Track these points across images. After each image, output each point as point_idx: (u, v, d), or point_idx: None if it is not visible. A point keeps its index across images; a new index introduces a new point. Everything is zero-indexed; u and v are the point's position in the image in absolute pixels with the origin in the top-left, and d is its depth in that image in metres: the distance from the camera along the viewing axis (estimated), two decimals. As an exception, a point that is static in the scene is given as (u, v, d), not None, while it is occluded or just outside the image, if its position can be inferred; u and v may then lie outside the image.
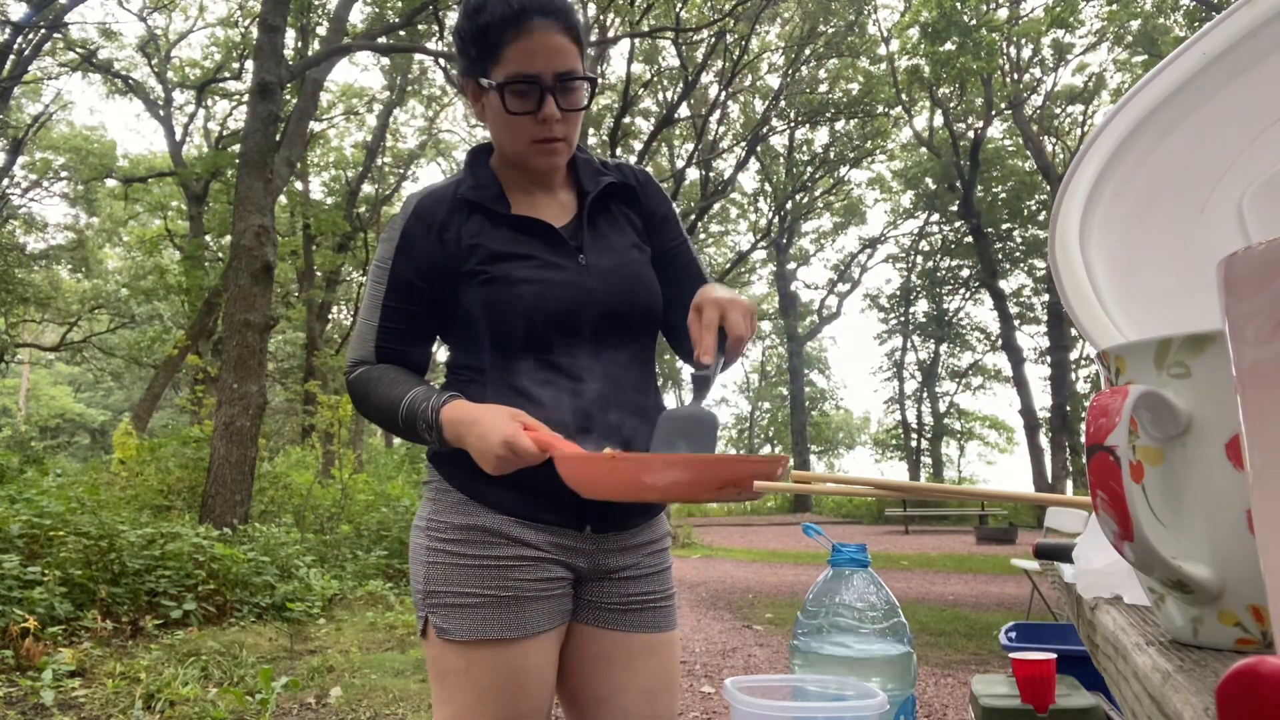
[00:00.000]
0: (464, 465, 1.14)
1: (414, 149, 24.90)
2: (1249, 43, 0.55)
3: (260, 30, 8.83)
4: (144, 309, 24.12)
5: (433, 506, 1.22)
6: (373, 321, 1.23)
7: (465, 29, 1.18)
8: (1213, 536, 0.42)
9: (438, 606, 1.16)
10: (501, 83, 1.16)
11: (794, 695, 0.73)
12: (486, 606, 1.15)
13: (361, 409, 1.24)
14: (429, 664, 1.20)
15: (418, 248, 1.22)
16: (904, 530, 18.68)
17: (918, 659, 1.00)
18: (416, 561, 1.21)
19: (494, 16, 1.14)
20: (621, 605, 1.26)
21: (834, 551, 0.90)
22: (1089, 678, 1.48)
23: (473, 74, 1.19)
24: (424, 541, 1.20)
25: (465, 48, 1.20)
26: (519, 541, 1.18)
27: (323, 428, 11.42)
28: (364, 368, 1.23)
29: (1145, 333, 0.57)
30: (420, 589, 1.19)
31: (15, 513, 5.16)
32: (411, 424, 1.15)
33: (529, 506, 1.19)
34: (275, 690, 3.66)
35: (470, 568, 1.16)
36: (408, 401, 1.16)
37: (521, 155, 1.23)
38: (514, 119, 1.18)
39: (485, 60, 1.17)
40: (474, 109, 1.25)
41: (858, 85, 20.81)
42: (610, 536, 1.25)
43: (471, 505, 1.19)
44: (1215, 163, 0.59)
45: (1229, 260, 0.28)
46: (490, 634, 1.14)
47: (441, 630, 1.16)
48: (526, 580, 1.17)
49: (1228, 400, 0.42)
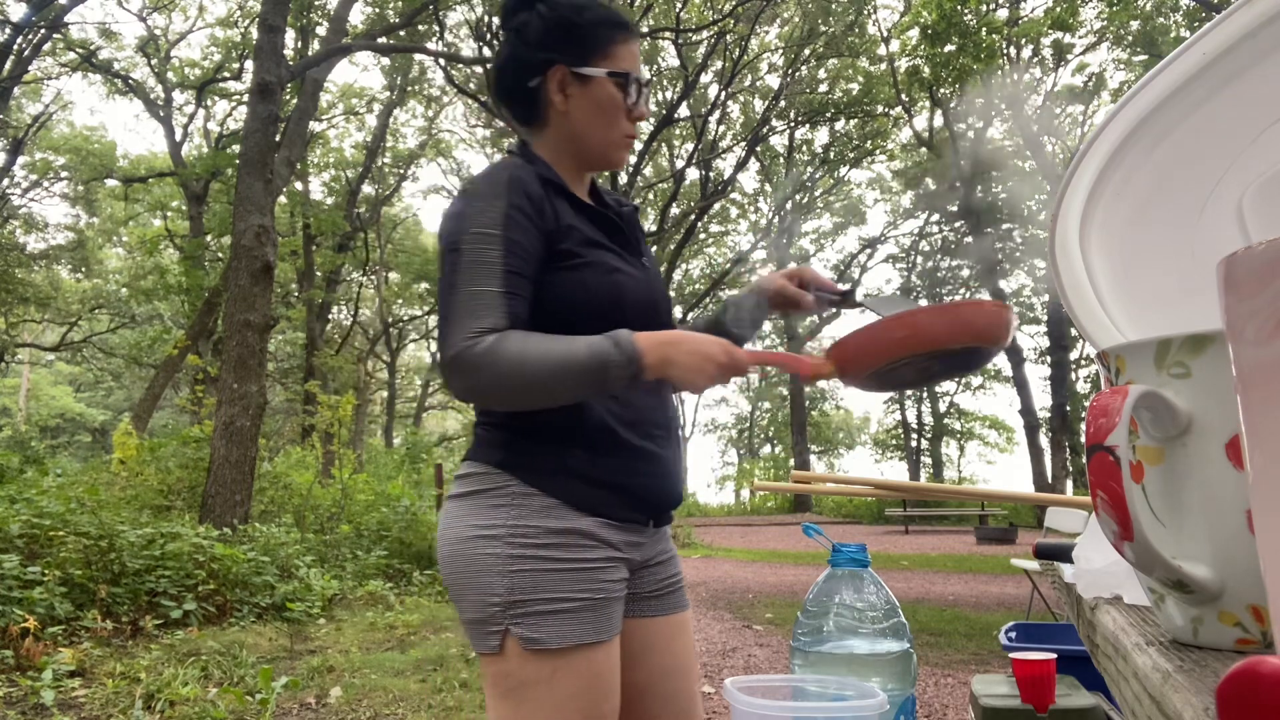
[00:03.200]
0: (557, 470, 1.16)
1: (414, 149, 24.90)
2: (1249, 43, 0.55)
3: (260, 30, 8.83)
4: (144, 309, 24.12)
5: (513, 513, 1.15)
6: (493, 287, 1.12)
7: (570, 21, 1.23)
8: (1213, 536, 0.42)
9: (524, 616, 1.12)
10: (611, 73, 1.23)
11: (794, 695, 0.73)
12: (583, 610, 1.14)
13: (503, 373, 1.08)
14: (497, 680, 1.14)
15: (526, 216, 1.17)
16: (904, 530, 18.68)
17: (918, 659, 1.00)
18: (491, 573, 1.13)
19: (602, 16, 1.24)
20: (656, 591, 1.31)
21: (834, 551, 0.90)
22: (1089, 678, 1.48)
23: (569, 63, 1.23)
24: (504, 550, 1.13)
25: (564, 39, 1.23)
26: (605, 543, 1.18)
27: (323, 428, 11.41)
28: (496, 334, 1.10)
29: (1145, 333, 0.57)
30: (499, 601, 1.12)
31: (15, 513, 5.16)
32: (598, 365, 1.08)
33: (620, 506, 1.20)
34: (275, 690, 3.66)
35: (563, 572, 1.14)
36: (586, 345, 1.09)
37: (606, 147, 1.28)
38: (611, 111, 1.24)
39: (588, 53, 1.23)
40: (554, 98, 1.25)
41: (858, 85, 20.81)
42: (657, 529, 1.30)
43: (561, 509, 1.16)
44: (1215, 163, 0.59)
45: (1229, 260, 0.28)
46: (585, 638, 1.13)
47: (530, 641, 1.11)
48: (610, 581, 1.18)
49: (1228, 400, 0.42)
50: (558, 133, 1.27)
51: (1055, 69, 20.40)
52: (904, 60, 16.68)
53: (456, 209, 1.17)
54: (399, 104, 22.85)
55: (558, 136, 1.28)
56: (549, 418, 1.17)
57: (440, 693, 3.92)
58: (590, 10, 1.24)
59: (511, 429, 1.19)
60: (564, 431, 1.18)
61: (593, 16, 1.24)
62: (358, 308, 27.05)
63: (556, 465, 1.15)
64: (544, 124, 1.28)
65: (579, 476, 1.16)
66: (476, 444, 1.23)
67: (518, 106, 1.30)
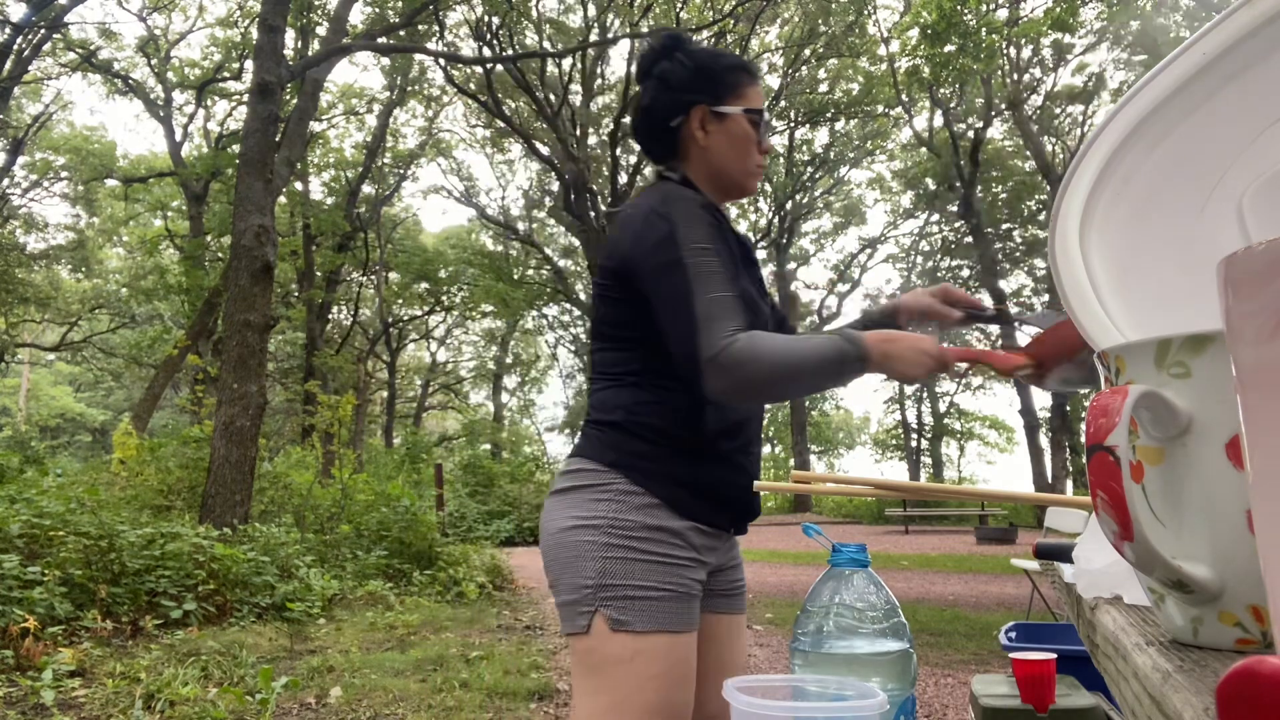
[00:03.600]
0: (664, 475, 1.28)
1: (414, 149, 24.90)
2: (1249, 43, 0.55)
3: (260, 30, 8.83)
4: (144, 309, 24.13)
5: (615, 507, 1.27)
6: (728, 293, 1.24)
7: (709, 66, 1.40)
8: (1213, 536, 0.42)
9: (613, 600, 1.22)
10: (746, 110, 1.39)
11: (794, 695, 0.73)
12: (666, 600, 1.24)
13: (765, 366, 1.19)
14: (583, 657, 1.24)
15: (720, 235, 1.31)
16: (904, 530, 18.68)
17: (918, 659, 1.00)
18: (586, 558, 1.24)
19: (734, 63, 1.42)
20: (725, 591, 1.43)
21: (834, 551, 0.90)
22: (1089, 678, 1.48)
23: (709, 103, 1.38)
24: (601, 539, 1.25)
25: (704, 82, 1.39)
26: (691, 545, 1.29)
27: (323, 428, 11.40)
28: (746, 333, 1.22)
29: (1145, 333, 0.57)
30: (591, 584, 1.23)
31: (15, 513, 5.16)
32: (838, 358, 1.20)
33: (712, 513, 1.32)
34: (275, 690, 3.66)
35: (652, 564, 1.25)
36: (824, 341, 1.22)
37: (743, 176, 1.42)
38: (746, 144, 1.40)
39: (725, 94, 1.39)
40: (696, 134, 1.39)
41: (858, 85, 20.81)
42: (734, 537, 1.44)
43: (661, 510, 1.27)
44: (1215, 163, 0.59)
45: (1229, 260, 0.28)
46: (668, 626, 1.23)
47: (617, 623, 1.22)
48: (692, 580, 1.29)
49: (1228, 400, 0.42)
50: (698, 166, 1.42)
51: (1055, 69, 20.40)
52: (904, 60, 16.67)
53: (663, 229, 1.27)
54: (399, 104, 22.85)
55: (698, 170, 1.42)
56: (661, 424, 1.30)
57: (440, 693, 3.92)
58: (724, 57, 1.42)
59: (625, 431, 1.30)
60: (673, 439, 1.30)
61: (727, 63, 1.41)
62: (358, 308, 27.05)
63: (663, 470, 1.28)
64: (683, 159, 1.42)
65: (682, 484, 1.28)
66: (587, 442, 1.34)
67: (658, 143, 1.44)
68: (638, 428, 1.30)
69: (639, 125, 1.46)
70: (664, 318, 1.25)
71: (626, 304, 1.32)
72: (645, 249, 1.27)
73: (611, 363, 1.36)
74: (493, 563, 8.15)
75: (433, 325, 31.72)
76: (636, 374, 1.33)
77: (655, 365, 1.31)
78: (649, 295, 1.27)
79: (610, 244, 1.36)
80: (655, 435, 1.29)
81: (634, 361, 1.33)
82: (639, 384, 1.32)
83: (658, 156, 1.46)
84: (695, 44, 1.44)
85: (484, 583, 7.52)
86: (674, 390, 1.30)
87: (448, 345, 34.25)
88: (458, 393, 34.67)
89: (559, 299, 26.16)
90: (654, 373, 1.31)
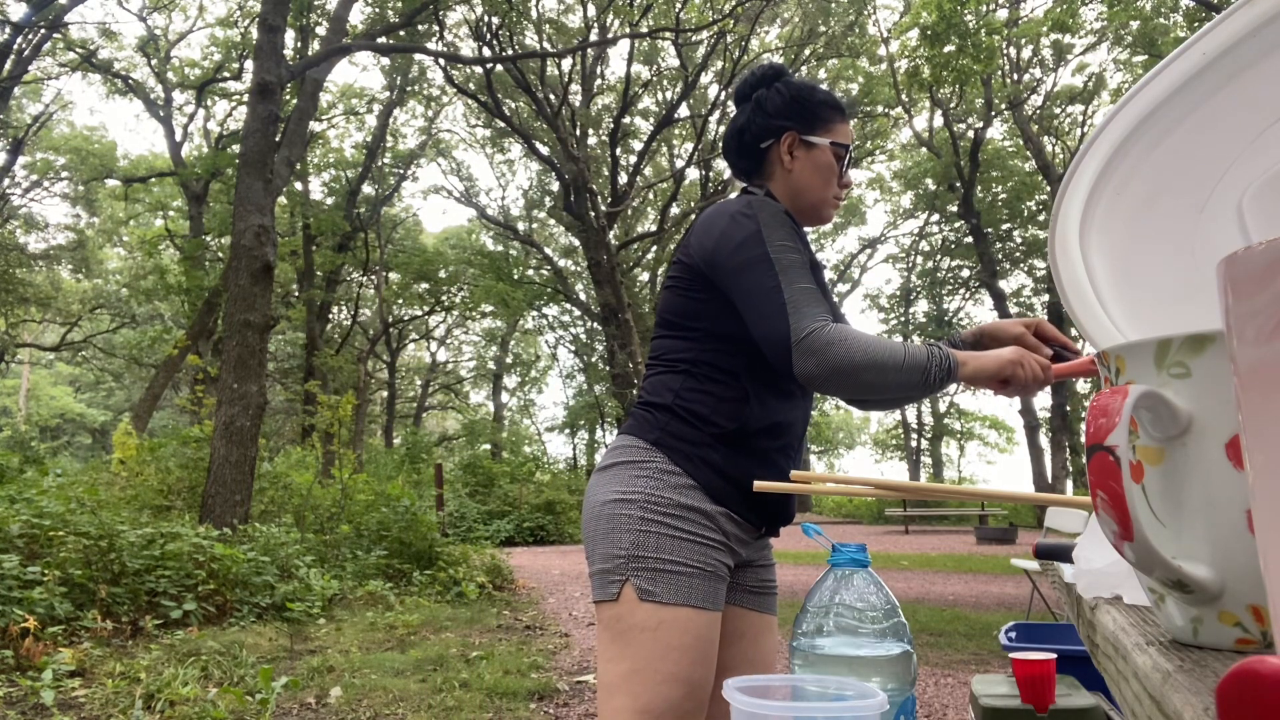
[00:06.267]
0: (702, 460, 1.33)
1: (414, 149, 24.89)
2: (1249, 43, 0.55)
3: (260, 30, 8.83)
4: (144, 309, 24.13)
5: (653, 484, 1.33)
6: (813, 285, 1.32)
7: (804, 98, 1.49)
8: (1213, 536, 0.42)
9: (643, 570, 1.28)
10: (833, 142, 1.47)
11: (794, 695, 0.73)
12: (695, 576, 1.30)
13: (853, 350, 1.25)
14: (610, 624, 1.30)
15: (801, 240, 1.39)
16: (904, 530, 18.68)
17: (918, 659, 1.00)
18: (621, 530, 1.30)
19: (828, 98, 1.50)
20: (756, 589, 1.49)
21: (834, 551, 0.90)
22: (1089, 678, 1.49)
23: (799, 131, 1.48)
24: (636, 513, 1.31)
25: (798, 111, 1.48)
26: (721, 529, 1.35)
27: (323, 428, 11.41)
28: (833, 322, 1.30)
29: (1145, 333, 0.57)
30: (624, 554, 1.29)
31: (15, 513, 5.16)
32: (923, 362, 1.27)
33: (742, 504, 1.36)
34: (275, 690, 3.66)
35: (684, 540, 1.30)
36: (910, 343, 1.30)
37: (821, 204, 1.49)
38: (828, 174, 1.48)
39: (815, 125, 1.48)
40: (783, 158, 1.48)
41: (858, 86, 20.80)
42: (765, 538, 1.49)
43: (696, 491, 1.33)
44: (1215, 162, 0.59)
45: (1229, 260, 0.28)
46: (694, 601, 1.28)
47: (646, 592, 1.27)
48: (720, 562, 1.34)
49: (1228, 400, 0.42)
50: (781, 187, 1.50)
51: (1055, 69, 20.40)
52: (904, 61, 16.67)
53: (750, 228, 1.34)
54: (399, 104, 22.85)
55: (780, 190, 1.50)
56: (706, 412, 1.36)
57: (440, 693, 3.92)
58: (820, 92, 1.51)
59: (671, 413, 1.37)
60: (716, 427, 1.35)
61: (821, 97, 1.50)
62: (358, 308, 27.04)
63: (701, 455, 1.34)
64: (768, 179, 1.51)
65: (718, 471, 1.34)
66: (634, 422, 1.41)
67: (746, 161, 1.53)
68: (684, 412, 1.36)
69: (731, 143, 1.54)
70: (750, 306, 1.32)
71: (696, 297, 1.40)
72: (731, 246, 1.34)
73: (669, 350, 1.42)
74: (493, 563, 8.14)
75: (433, 325, 31.71)
76: (691, 363, 1.39)
77: (709, 357, 1.38)
78: (729, 289, 1.34)
79: (690, 239, 1.43)
80: (699, 421, 1.36)
81: (691, 351, 1.40)
82: (691, 372, 1.39)
83: (743, 172, 1.55)
84: (795, 77, 1.54)
85: (484, 583, 7.52)
86: (723, 383, 1.37)
87: (448, 345, 34.25)
88: (458, 393, 34.67)
89: (559, 299, 26.14)
90: (708, 364, 1.38)
